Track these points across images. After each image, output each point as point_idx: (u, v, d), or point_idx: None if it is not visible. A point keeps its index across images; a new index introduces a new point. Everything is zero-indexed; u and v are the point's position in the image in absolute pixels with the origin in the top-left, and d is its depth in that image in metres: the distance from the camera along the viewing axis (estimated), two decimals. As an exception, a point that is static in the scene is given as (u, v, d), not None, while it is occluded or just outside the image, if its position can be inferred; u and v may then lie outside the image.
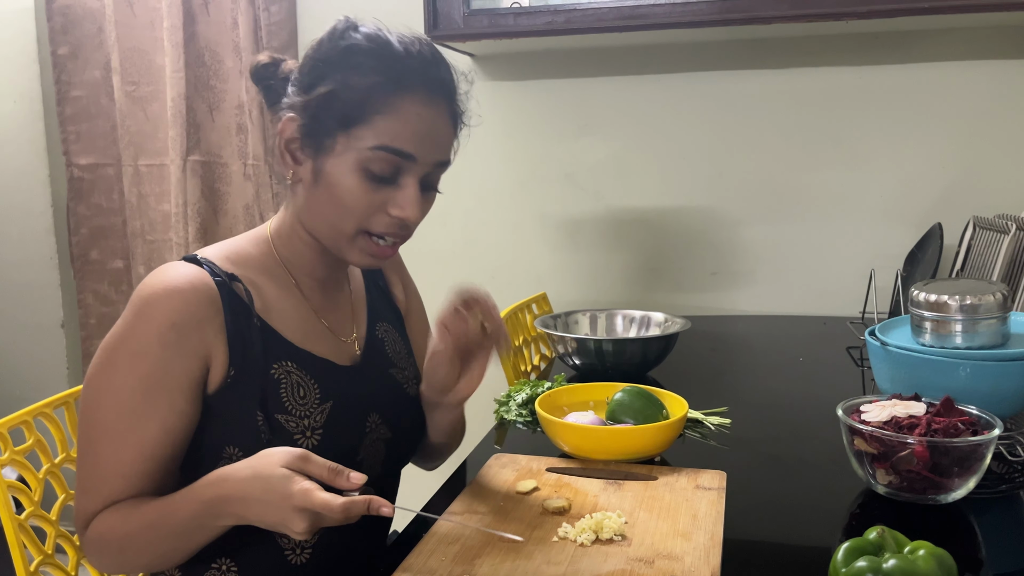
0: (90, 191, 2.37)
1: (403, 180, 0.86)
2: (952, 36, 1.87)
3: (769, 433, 1.22)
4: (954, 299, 1.07)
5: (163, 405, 0.83)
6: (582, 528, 0.83)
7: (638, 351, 1.44)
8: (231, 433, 0.86)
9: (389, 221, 0.87)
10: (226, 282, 0.86)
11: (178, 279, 0.83)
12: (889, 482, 0.91)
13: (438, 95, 0.87)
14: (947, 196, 1.92)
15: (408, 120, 0.84)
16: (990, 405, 0.96)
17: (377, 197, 0.86)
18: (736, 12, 1.70)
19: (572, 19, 1.79)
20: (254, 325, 0.87)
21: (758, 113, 2.01)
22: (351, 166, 0.84)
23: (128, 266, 2.39)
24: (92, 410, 0.84)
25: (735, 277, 2.08)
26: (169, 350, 0.82)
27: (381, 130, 0.83)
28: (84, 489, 0.85)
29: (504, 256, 2.22)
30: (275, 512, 0.74)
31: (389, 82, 0.84)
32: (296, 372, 0.89)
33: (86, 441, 0.85)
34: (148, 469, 0.84)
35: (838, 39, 1.92)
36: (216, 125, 2.28)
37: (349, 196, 0.85)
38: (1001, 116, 1.88)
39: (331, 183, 0.86)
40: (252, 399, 0.86)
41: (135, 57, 2.26)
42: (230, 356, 0.85)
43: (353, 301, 1.03)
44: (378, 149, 0.84)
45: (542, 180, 2.16)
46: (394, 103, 0.84)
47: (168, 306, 0.82)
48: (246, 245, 0.94)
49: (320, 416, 0.89)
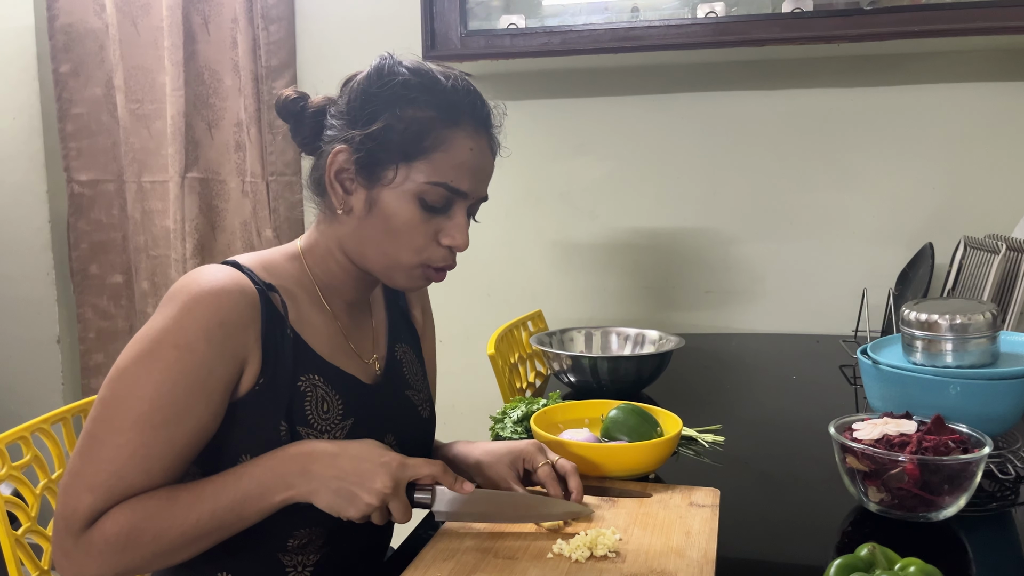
0: (90, 207, 2.38)
1: (453, 211, 0.90)
2: (943, 59, 1.90)
3: (762, 451, 1.22)
4: (944, 318, 1.09)
5: (202, 403, 0.82)
6: (577, 545, 0.84)
7: (633, 369, 1.44)
8: (250, 442, 0.86)
9: (442, 252, 0.91)
10: (264, 291, 0.87)
11: (226, 280, 0.84)
12: (881, 499, 0.92)
13: (482, 128, 0.92)
14: (938, 216, 1.94)
15: (461, 155, 0.88)
16: (980, 423, 0.97)
17: (430, 226, 0.89)
18: (729, 35, 1.73)
19: (568, 40, 1.82)
20: (287, 336, 0.88)
21: (752, 133, 2.03)
22: (408, 197, 0.88)
23: (128, 281, 2.40)
24: (123, 400, 0.80)
25: (729, 296, 2.09)
26: (215, 348, 0.82)
27: (438, 165, 0.87)
28: (88, 486, 0.80)
29: (500, 274, 2.23)
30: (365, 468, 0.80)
31: (444, 115, 0.88)
32: (322, 386, 0.90)
33: (105, 432, 0.80)
34: (173, 467, 0.82)
35: (830, 61, 1.95)
36: (215, 143, 2.29)
37: (406, 226, 0.88)
38: (991, 137, 1.90)
39: (387, 213, 0.88)
40: (278, 409, 0.86)
41: (139, 75, 2.29)
42: (263, 364, 0.86)
43: (375, 322, 1.04)
44: (435, 184, 0.87)
45: (538, 199, 2.18)
46: (450, 138, 0.88)
47: (216, 304, 0.82)
48: (280, 259, 0.95)
49: (341, 432, 0.90)
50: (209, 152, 2.30)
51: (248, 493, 0.81)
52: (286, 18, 2.22)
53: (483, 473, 0.99)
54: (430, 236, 0.90)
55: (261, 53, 2.21)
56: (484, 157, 0.92)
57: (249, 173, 2.25)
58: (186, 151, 2.25)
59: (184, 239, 2.27)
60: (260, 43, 2.21)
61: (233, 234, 2.31)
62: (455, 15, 1.85)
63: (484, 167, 0.92)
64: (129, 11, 2.26)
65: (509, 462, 0.97)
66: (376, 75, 0.89)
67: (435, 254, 0.91)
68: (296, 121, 0.94)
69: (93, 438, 0.81)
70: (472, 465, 1.00)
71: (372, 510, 0.81)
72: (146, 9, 2.26)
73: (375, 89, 0.89)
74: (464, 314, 2.25)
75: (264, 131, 2.24)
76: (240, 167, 2.28)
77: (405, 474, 0.82)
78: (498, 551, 0.85)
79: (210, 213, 2.32)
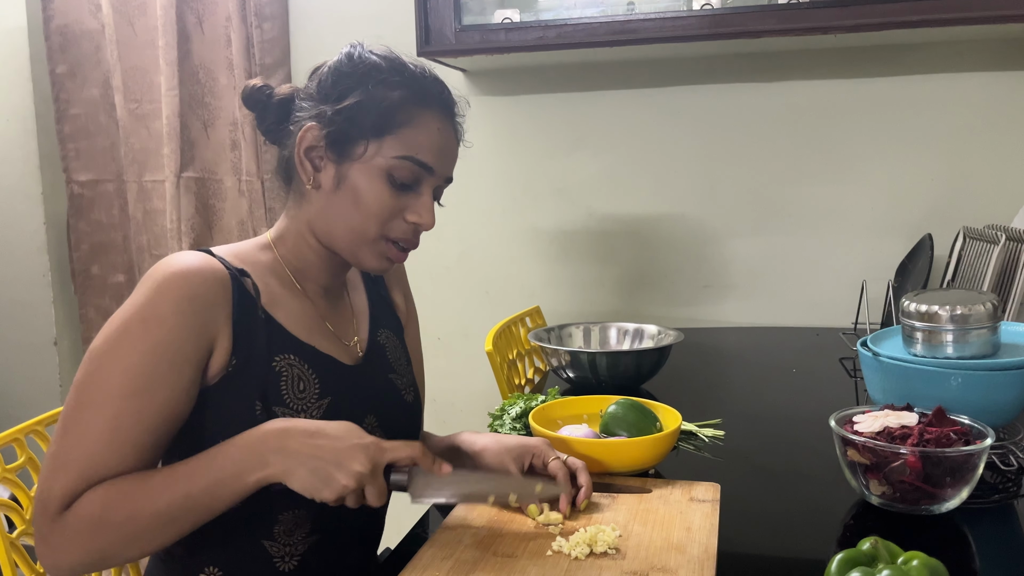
0: (90, 207, 2.39)
1: (420, 189, 0.93)
2: (940, 49, 1.89)
3: (762, 445, 1.22)
4: (945, 309, 1.08)
5: (172, 376, 0.82)
6: (576, 542, 0.83)
7: (631, 364, 1.44)
8: (226, 425, 0.85)
9: (406, 227, 0.93)
10: (236, 276, 0.88)
11: (196, 261, 0.86)
12: (882, 492, 0.92)
13: (449, 113, 0.95)
14: (937, 207, 1.93)
15: (429, 134, 0.91)
16: (982, 415, 0.97)
17: (398, 203, 0.91)
18: (725, 27, 1.72)
19: (563, 34, 1.81)
20: (259, 317, 0.89)
21: (749, 126, 2.02)
22: (377, 172, 0.90)
23: (131, 280, 2.41)
24: (95, 378, 0.81)
25: (728, 289, 2.08)
26: (184, 320, 0.82)
27: (407, 141, 0.90)
28: (63, 466, 0.80)
29: (497, 270, 2.22)
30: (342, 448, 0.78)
31: (414, 96, 0.91)
32: (298, 366, 0.90)
33: (79, 411, 0.81)
34: (144, 443, 0.81)
35: (827, 52, 1.94)
36: (211, 142, 2.29)
37: (374, 200, 0.90)
38: (990, 127, 1.90)
39: (356, 188, 0.90)
40: (252, 390, 0.86)
41: (137, 75, 2.28)
42: (233, 346, 0.86)
43: (355, 308, 1.05)
44: (403, 159, 0.90)
45: (535, 194, 2.17)
46: (418, 116, 0.91)
47: (186, 281, 0.83)
48: (251, 249, 0.96)
49: (317, 412, 0.90)
50: (205, 152, 2.29)
51: (223, 472, 0.79)
52: (280, 16, 2.21)
53: (484, 459, 0.98)
54: (396, 212, 0.92)
55: (255, 51, 2.20)
56: (450, 139, 0.95)
57: (245, 172, 2.25)
58: (181, 151, 2.25)
59: (180, 239, 2.27)
60: (253, 41, 2.20)
61: (230, 232, 2.30)
62: (449, 10, 1.84)
63: (450, 148, 0.95)
64: (126, 11, 2.25)
65: (516, 455, 0.97)
66: (347, 59, 0.92)
67: (399, 228, 0.93)
68: (262, 109, 0.97)
69: (67, 419, 0.82)
70: (476, 453, 1.00)
71: (348, 492, 0.79)
72: (143, 9, 2.25)
73: (347, 69, 0.92)
74: (462, 311, 2.24)
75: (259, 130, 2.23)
76: (236, 166, 2.27)
77: (384, 456, 0.81)
78: (497, 549, 0.84)
79: (207, 212, 2.31)
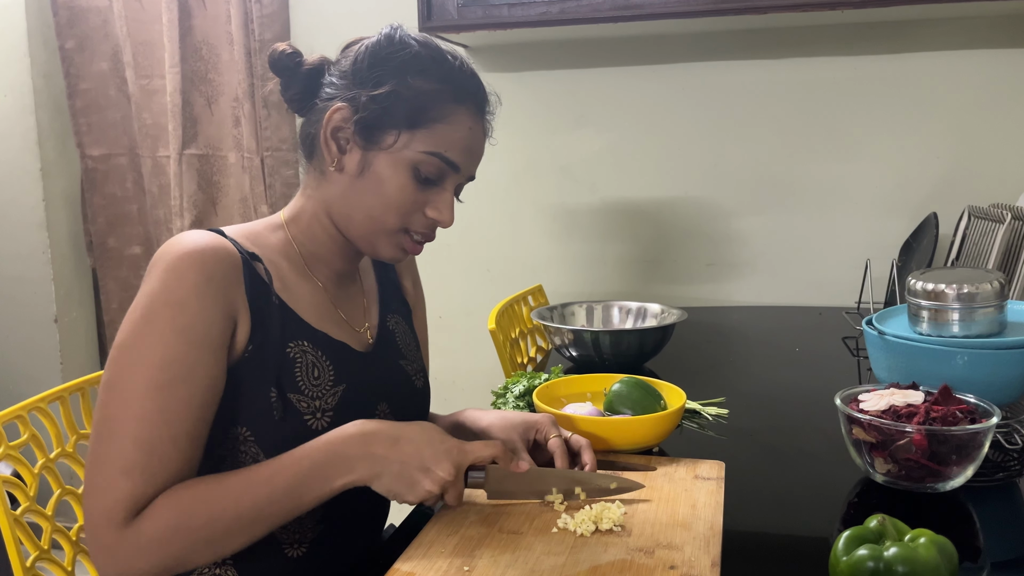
0: (104, 181, 2.39)
1: (443, 185, 0.92)
2: (947, 25, 1.87)
3: (767, 423, 1.22)
4: (951, 288, 1.07)
5: (208, 356, 0.80)
6: (582, 519, 0.83)
7: (635, 342, 1.43)
8: (241, 411, 0.85)
9: (425, 222, 0.92)
10: (248, 260, 0.87)
11: (208, 241, 0.83)
12: (888, 471, 0.91)
13: (482, 112, 0.94)
14: (942, 185, 1.92)
15: (461, 132, 0.90)
16: (988, 393, 0.96)
17: (420, 197, 0.90)
18: (731, 2, 1.70)
19: (566, 10, 1.79)
20: (272, 302, 0.87)
21: (753, 104, 2.00)
22: (403, 164, 0.88)
23: (148, 251, 2.43)
24: (129, 372, 0.78)
25: (731, 268, 2.08)
26: (206, 303, 0.80)
27: (438, 136, 0.88)
28: (124, 471, 0.76)
29: (500, 248, 2.21)
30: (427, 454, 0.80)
31: (451, 92, 0.89)
32: (312, 352, 0.89)
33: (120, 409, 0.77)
34: (197, 430, 0.80)
35: (833, 29, 1.92)
36: (215, 118, 2.28)
37: (397, 192, 0.89)
38: (996, 105, 1.88)
39: (380, 176, 0.89)
40: (268, 375, 0.85)
41: (146, 51, 2.28)
42: (252, 328, 0.85)
43: (365, 293, 1.04)
44: (432, 154, 0.88)
45: (537, 172, 2.16)
46: (452, 113, 0.89)
47: (201, 261, 0.81)
48: (263, 230, 0.94)
49: (332, 399, 0.89)
50: (209, 128, 2.28)
51: (308, 475, 0.79)
52: (280, -10, 2.19)
53: (490, 436, 0.98)
54: (417, 206, 0.91)
55: (254, 27, 2.18)
56: (479, 138, 0.93)
57: (246, 148, 2.24)
58: (184, 127, 2.24)
59: (183, 215, 2.26)
60: (252, 16, 2.17)
61: (232, 209, 2.30)
62: (452, -15, 1.82)
63: (478, 148, 0.94)
64: (133, -13, 2.24)
65: (522, 431, 0.97)
66: (386, 42, 0.90)
67: (418, 222, 0.92)
68: (289, 76, 0.94)
69: (108, 420, 0.78)
70: (482, 430, 1.00)
71: (431, 496, 0.81)
72: (148, -16, 2.24)
73: (385, 54, 0.89)
74: (464, 289, 2.24)
75: (258, 106, 2.21)
76: (239, 142, 2.26)
77: (466, 459, 0.83)
78: (503, 526, 0.84)
79: (210, 189, 2.31)
